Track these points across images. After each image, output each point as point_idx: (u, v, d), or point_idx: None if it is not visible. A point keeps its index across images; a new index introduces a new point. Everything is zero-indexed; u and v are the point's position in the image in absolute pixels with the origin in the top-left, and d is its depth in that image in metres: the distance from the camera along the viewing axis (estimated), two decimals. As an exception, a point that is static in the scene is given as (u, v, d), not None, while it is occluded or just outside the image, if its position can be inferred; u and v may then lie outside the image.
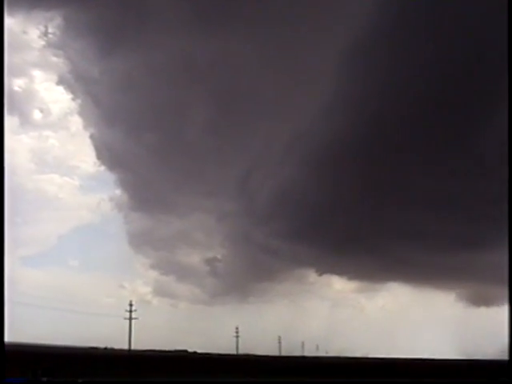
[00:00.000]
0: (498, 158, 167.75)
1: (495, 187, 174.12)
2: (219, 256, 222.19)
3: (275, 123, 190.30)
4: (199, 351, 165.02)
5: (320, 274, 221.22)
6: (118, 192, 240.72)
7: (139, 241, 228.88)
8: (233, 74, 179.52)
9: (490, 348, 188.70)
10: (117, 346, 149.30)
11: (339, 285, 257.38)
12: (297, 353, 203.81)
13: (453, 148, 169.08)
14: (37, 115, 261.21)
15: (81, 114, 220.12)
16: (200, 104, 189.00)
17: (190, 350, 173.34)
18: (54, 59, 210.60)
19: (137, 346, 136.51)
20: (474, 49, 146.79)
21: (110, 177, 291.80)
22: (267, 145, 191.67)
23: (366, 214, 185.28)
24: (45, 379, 42.97)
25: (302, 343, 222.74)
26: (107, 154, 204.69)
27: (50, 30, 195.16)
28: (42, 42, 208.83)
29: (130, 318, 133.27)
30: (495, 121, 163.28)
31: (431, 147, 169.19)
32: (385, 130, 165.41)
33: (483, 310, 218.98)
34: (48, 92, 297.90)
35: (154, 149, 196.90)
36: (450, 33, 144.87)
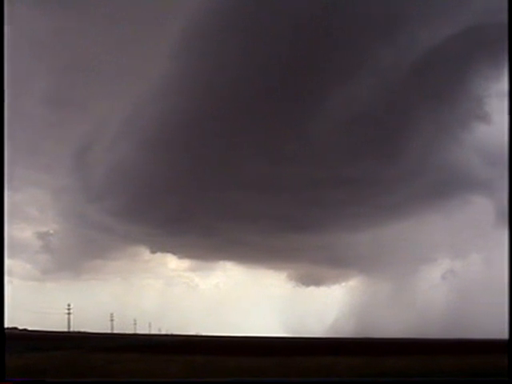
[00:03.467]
0: (326, 144, 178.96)
1: (323, 172, 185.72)
2: (52, 231, 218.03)
3: (112, 101, 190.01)
4: (29, 328, 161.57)
5: (153, 252, 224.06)
6: None
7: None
8: (72, 52, 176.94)
9: (318, 326, 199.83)
10: None
11: (173, 263, 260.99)
12: (129, 330, 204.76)
13: (284, 133, 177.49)
14: None
15: None
16: (38, 78, 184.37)
17: (20, 327, 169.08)
18: None
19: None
20: (307, 39, 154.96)
21: None
22: (104, 123, 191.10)
23: (198, 194, 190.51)
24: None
25: (135, 320, 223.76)
26: None
27: None
28: None
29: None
30: (324, 108, 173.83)
31: (264, 132, 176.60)
32: (218, 114, 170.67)
33: (313, 290, 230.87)
34: None
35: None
36: (284, 23, 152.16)
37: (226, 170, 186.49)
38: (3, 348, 24.92)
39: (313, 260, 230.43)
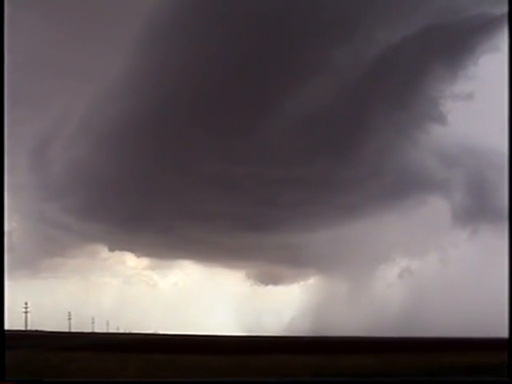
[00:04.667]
0: (282, 144, 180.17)
1: (279, 172, 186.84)
2: (9, 230, 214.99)
3: (70, 99, 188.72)
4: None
5: (112, 250, 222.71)
6: None
7: None
8: (28, 49, 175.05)
9: (275, 325, 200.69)
10: None
11: (132, 262, 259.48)
12: (87, 329, 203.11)
13: (239, 134, 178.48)
14: None
15: None
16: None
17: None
18: None
19: None
20: (263, 38, 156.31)
21: None
22: (62, 120, 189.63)
23: (156, 193, 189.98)
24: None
25: (93, 319, 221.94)
26: None
27: None
28: None
29: None
30: (280, 109, 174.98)
31: (220, 132, 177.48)
32: (175, 114, 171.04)
33: (271, 289, 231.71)
34: None
35: None
36: (241, 23, 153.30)
37: (183, 169, 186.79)
38: (3, 348, 24.91)
39: (271, 259, 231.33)
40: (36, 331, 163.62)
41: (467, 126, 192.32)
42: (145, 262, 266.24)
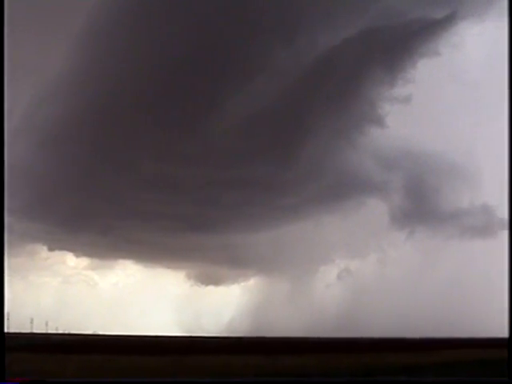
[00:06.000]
0: (223, 146, 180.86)
1: (220, 174, 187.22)
2: None
3: (10, 99, 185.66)
4: None
5: (52, 250, 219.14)
6: None
7: None
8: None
9: (214, 325, 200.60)
10: None
11: (72, 261, 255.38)
12: (26, 329, 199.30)
13: (181, 135, 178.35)
14: None
15: None
16: None
17: None
18: None
19: None
20: (205, 40, 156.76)
21: None
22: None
23: (97, 193, 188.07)
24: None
25: (31, 319, 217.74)
26: None
27: None
28: None
29: None
30: (222, 111, 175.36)
31: (163, 133, 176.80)
32: (117, 114, 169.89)
33: (211, 289, 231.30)
34: None
35: None
36: (183, 25, 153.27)
37: (124, 169, 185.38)
38: (3, 348, 24.61)
39: (212, 260, 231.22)
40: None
41: (405, 128, 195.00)
42: (85, 261, 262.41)
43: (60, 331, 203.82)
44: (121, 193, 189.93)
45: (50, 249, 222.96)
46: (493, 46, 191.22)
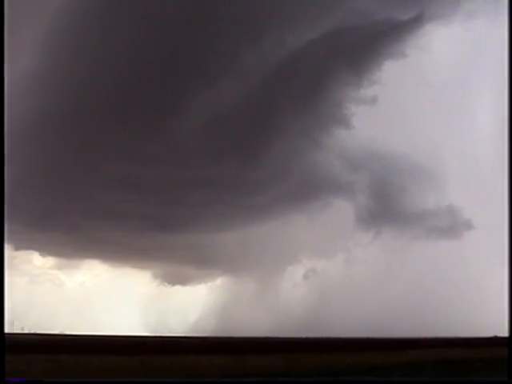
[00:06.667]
0: (189, 145, 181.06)
1: (186, 173, 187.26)
2: None
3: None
4: None
5: (17, 249, 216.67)
6: None
7: None
8: None
9: (180, 325, 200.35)
10: None
11: (38, 261, 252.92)
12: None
13: (147, 134, 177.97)
14: None
15: None
16: None
17: None
18: None
19: None
20: (171, 40, 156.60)
21: None
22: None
23: (63, 192, 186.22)
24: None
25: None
26: None
27: None
28: None
29: None
30: (188, 110, 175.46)
31: (128, 132, 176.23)
32: (82, 114, 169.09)
33: (178, 289, 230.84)
34: None
35: None
36: (148, 24, 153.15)
37: (90, 169, 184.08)
38: (3, 348, 24.51)
39: (179, 260, 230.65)
40: None
41: (371, 129, 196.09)
42: (51, 261, 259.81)
43: (26, 331, 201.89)
44: (88, 193, 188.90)
45: (16, 248, 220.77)
46: (460, 47, 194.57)
